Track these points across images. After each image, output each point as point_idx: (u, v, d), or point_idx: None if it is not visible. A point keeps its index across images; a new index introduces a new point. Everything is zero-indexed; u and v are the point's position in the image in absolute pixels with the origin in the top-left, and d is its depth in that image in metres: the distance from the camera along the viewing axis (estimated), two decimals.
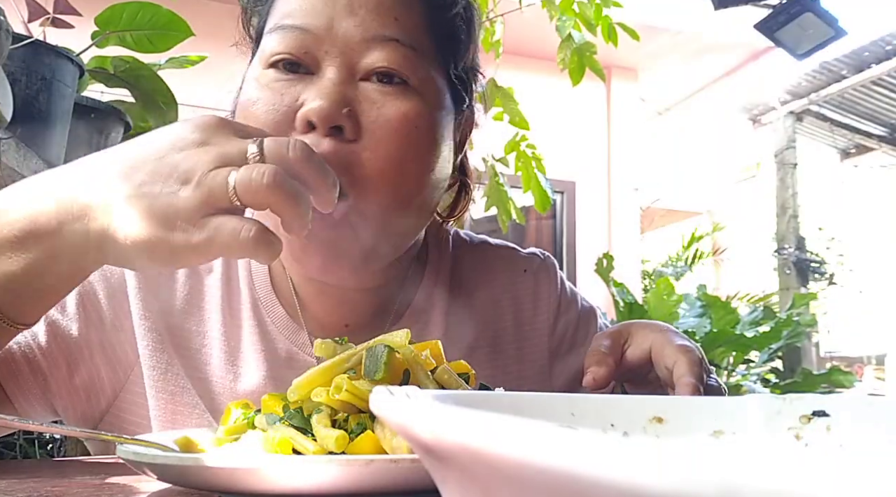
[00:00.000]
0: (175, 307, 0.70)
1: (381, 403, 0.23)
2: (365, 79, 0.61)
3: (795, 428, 0.38)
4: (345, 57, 0.60)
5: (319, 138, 0.58)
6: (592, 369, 0.63)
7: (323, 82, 0.59)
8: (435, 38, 0.65)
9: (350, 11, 0.60)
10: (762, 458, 0.13)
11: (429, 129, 0.63)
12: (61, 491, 0.47)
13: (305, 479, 0.40)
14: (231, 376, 0.69)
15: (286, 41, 0.60)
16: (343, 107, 0.59)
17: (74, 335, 0.66)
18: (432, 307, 0.77)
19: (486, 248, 0.84)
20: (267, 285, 0.73)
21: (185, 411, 0.68)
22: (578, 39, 2.05)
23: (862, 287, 8.74)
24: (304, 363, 0.71)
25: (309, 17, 0.60)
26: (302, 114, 0.59)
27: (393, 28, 0.61)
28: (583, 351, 0.77)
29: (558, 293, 0.83)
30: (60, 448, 1.54)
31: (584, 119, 5.52)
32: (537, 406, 0.37)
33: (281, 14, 0.63)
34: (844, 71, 5.37)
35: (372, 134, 0.59)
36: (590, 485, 0.15)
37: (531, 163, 2.19)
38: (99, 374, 0.68)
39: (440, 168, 0.66)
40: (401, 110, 0.60)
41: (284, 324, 0.72)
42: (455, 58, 0.69)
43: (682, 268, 6.40)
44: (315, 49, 0.60)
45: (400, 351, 0.51)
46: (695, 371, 0.60)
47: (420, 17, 0.63)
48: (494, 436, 0.17)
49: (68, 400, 0.67)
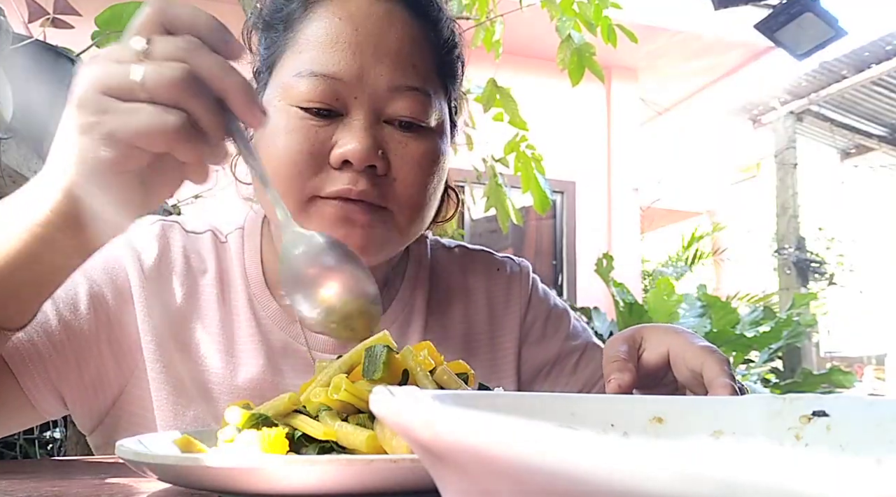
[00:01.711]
0: (174, 306, 0.75)
1: (381, 403, 0.23)
2: (388, 121, 0.70)
3: (795, 428, 0.38)
4: (372, 103, 0.69)
5: (356, 175, 0.67)
6: (616, 376, 0.63)
7: (354, 125, 0.67)
8: (441, 77, 0.75)
9: (376, 60, 0.68)
10: (762, 458, 0.13)
11: (441, 160, 0.74)
12: (61, 491, 0.47)
13: (305, 479, 0.40)
14: (231, 368, 0.74)
15: (320, 89, 0.67)
16: (377, 149, 0.67)
17: (85, 334, 0.70)
18: (415, 300, 0.83)
19: (462, 250, 0.92)
20: (260, 282, 0.78)
21: (184, 403, 0.72)
22: (578, 40, 2.05)
23: (862, 287, 8.74)
24: (298, 353, 0.76)
25: (341, 66, 0.68)
26: (339, 154, 0.67)
27: (412, 77, 0.70)
28: (553, 343, 0.86)
29: (529, 289, 0.89)
30: (60, 448, 1.54)
31: (584, 119, 5.52)
32: (537, 406, 0.37)
33: (311, 58, 0.68)
34: (844, 71, 5.37)
35: (399, 169, 0.70)
36: (590, 485, 0.15)
37: (531, 163, 2.19)
38: (106, 370, 0.71)
39: (443, 182, 0.76)
40: (422, 149, 0.71)
41: (279, 317, 0.77)
42: (454, 88, 0.79)
43: (682, 268, 6.40)
44: (345, 95, 0.68)
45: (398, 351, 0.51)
46: (726, 371, 0.61)
47: (431, 61, 0.73)
48: (494, 436, 0.17)
49: (77, 394, 0.70)
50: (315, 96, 0.67)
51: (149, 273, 0.74)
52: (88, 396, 0.71)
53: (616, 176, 5.64)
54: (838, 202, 8.93)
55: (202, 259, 0.78)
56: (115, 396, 0.73)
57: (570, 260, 5.42)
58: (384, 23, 0.69)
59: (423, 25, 0.72)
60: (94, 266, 0.72)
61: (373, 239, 0.69)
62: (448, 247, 0.92)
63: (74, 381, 0.69)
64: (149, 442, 0.51)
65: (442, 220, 0.85)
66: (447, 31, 0.76)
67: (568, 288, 5.41)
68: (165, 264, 0.76)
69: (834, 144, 6.58)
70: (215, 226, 0.81)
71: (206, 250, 0.78)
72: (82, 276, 0.71)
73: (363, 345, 0.53)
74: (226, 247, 0.80)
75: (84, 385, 0.70)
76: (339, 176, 0.67)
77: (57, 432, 1.57)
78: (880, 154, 6.62)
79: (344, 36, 0.68)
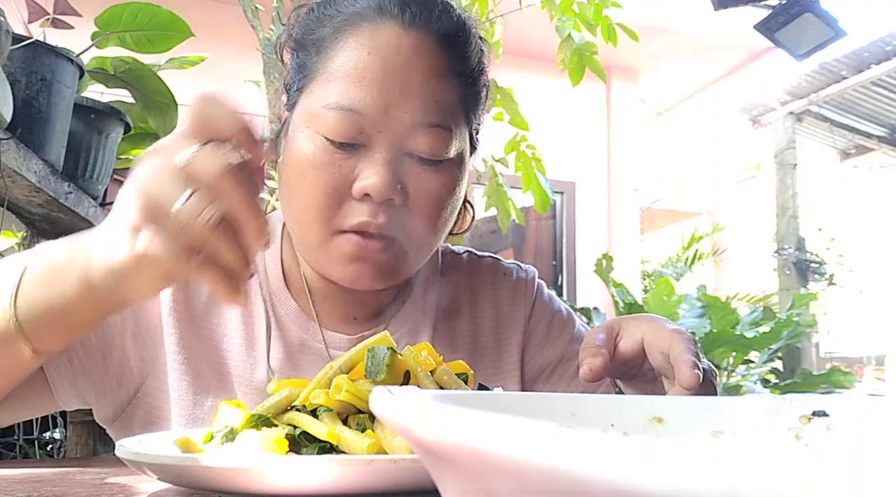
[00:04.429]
0: (198, 304, 0.78)
1: (381, 403, 0.23)
2: (409, 155, 0.72)
3: (795, 428, 0.38)
4: (395, 138, 0.71)
5: (376, 207, 0.70)
6: (588, 361, 0.65)
7: (376, 158, 0.70)
8: (465, 108, 0.76)
9: (402, 97, 0.70)
10: (762, 458, 0.13)
11: (458, 190, 0.76)
12: (61, 491, 0.47)
13: (305, 479, 0.40)
14: (251, 362, 0.77)
15: (346, 123, 0.70)
16: (396, 184, 0.70)
17: (111, 329, 0.73)
18: (425, 305, 0.86)
19: (471, 256, 0.94)
20: (280, 282, 0.82)
21: (203, 394, 0.75)
22: (578, 40, 2.05)
23: (862, 287, 8.73)
24: (315, 350, 0.80)
25: (367, 102, 0.70)
26: (361, 187, 0.69)
27: (436, 114, 0.71)
28: (556, 347, 0.87)
29: (535, 293, 0.91)
30: (60, 448, 1.54)
31: (584, 119, 5.52)
32: (537, 406, 0.37)
33: (339, 92, 0.70)
34: (844, 71, 5.37)
35: (417, 201, 0.72)
36: (590, 485, 0.15)
37: (531, 163, 2.19)
38: (129, 362, 0.74)
39: (458, 205, 0.79)
40: (440, 182, 0.73)
41: (296, 315, 0.81)
42: (477, 117, 0.81)
43: (682, 268, 6.39)
44: (370, 129, 0.70)
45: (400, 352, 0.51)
46: (691, 349, 0.63)
47: (456, 95, 0.74)
48: (494, 436, 0.17)
49: (101, 387, 0.73)
50: (341, 131, 0.70)
51: None
52: (112, 388, 0.73)
53: (616, 176, 5.64)
54: (838, 202, 8.93)
55: None
56: (136, 388, 0.75)
57: (569, 260, 5.41)
58: (411, 57, 0.71)
59: (451, 57, 0.74)
60: None
61: (383, 272, 0.73)
62: (457, 252, 0.94)
63: (99, 375, 0.72)
64: (149, 442, 0.51)
65: (457, 231, 0.87)
66: (474, 60, 0.78)
67: (568, 288, 5.41)
68: None
69: (834, 145, 6.58)
70: None
71: None
72: None
73: (364, 345, 0.53)
74: None
75: (109, 377, 0.73)
76: (360, 208, 0.70)
77: (57, 432, 1.57)
78: (880, 154, 6.62)
79: (372, 72, 0.70)
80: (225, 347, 0.77)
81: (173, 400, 0.74)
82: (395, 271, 0.74)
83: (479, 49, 0.79)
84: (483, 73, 0.80)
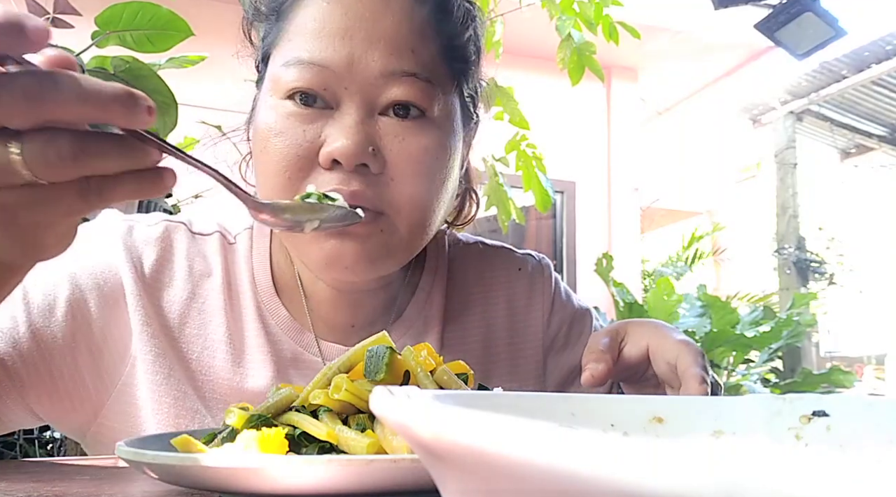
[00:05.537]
0: (174, 313, 0.71)
1: (381, 403, 0.23)
2: (383, 113, 0.64)
3: (795, 428, 0.38)
4: (364, 93, 0.62)
5: (347, 175, 0.61)
6: (591, 366, 0.63)
7: (345, 120, 0.62)
8: (449, 64, 0.68)
9: (368, 45, 0.62)
10: (762, 458, 0.13)
11: (446, 157, 0.67)
12: (61, 491, 0.47)
13: (305, 479, 0.40)
14: (238, 378, 0.70)
15: (305, 77, 0.62)
16: (368, 145, 0.61)
17: (59, 342, 0.66)
18: (431, 306, 0.79)
19: (481, 248, 0.87)
20: (270, 289, 0.74)
21: (188, 416, 0.68)
22: (578, 39, 2.05)
23: (862, 287, 8.73)
24: (309, 363, 0.72)
25: (328, 53, 0.62)
26: (327, 152, 0.61)
27: (410, 62, 0.63)
28: (578, 349, 0.80)
29: (552, 292, 0.85)
30: (60, 448, 1.54)
31: (584, 119, 5.51)
32: (537, 406, 0.37)
33: (298, 46, 0.63)
34: (844, 71, 5.37)
35: (396, 166, 0.63)
36: (590, 485, 0.15)
37: (531, 162, 2.19)
38: (83, 381, 0.67)
39: (453, 183, 0.70)
40: (421, 144, 0.64)
41: (288, 325, 0.73)
42: (467, 78, 0.72)
43: (682, 268, 6.39)
44: (335, 85, 0.62)
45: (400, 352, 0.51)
46: (699, 362, 0.61)
47: (435, 45, 0.66)
48: (494, 436, 0.17)
49: (50, 406, 0.67)
50: (301, 84, 0.62)
51: (148, 279, 0.70)
52: (65, 407, 0.67)
53: (616, 176, 5.63)
54: (838, 202, 8.92)
55: (208, 263, 0.74)
56: (96, 409, 0.68)
57: (569, 260, 5.41)
58: (378, 5, 0.63)
59: (427, 7, 0.66)
60: (81, 270, 0.68)
61: (367, 252, 0.64)
62: (467, 242, 0.86)
63: (47, 391, 0.66)
64: (149, 442, 0.51)
65: (463, 221, 0.82)
66: (458, 14, 0.69)
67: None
68: (166, 269, 0.71)
69: (834, 144, 6.57)
70: (224, 226, 0.77)
71: (213, 253, 0.74)
72: (66, 280, 0.67)
73: (363, 345, 0.53)
74: (234, 248, 0.76)
75: (59, 395, 0.66)
76: (329, 176, 0.61)
77: (57, 432, 1.57)
78: (880, 154, 6.61)
79: (332, 20, 0.62)
80: (206, 362, 0.70)
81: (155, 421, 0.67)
82: (380, 253, 0.64)
83: (463, 5, 0.71)
84: (469, 30, 0.71)
